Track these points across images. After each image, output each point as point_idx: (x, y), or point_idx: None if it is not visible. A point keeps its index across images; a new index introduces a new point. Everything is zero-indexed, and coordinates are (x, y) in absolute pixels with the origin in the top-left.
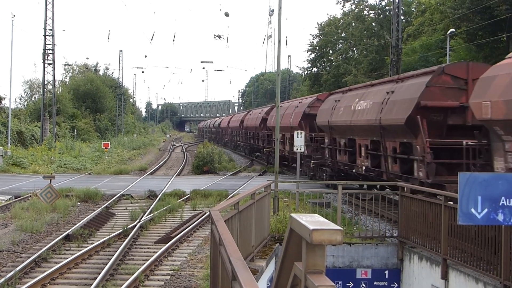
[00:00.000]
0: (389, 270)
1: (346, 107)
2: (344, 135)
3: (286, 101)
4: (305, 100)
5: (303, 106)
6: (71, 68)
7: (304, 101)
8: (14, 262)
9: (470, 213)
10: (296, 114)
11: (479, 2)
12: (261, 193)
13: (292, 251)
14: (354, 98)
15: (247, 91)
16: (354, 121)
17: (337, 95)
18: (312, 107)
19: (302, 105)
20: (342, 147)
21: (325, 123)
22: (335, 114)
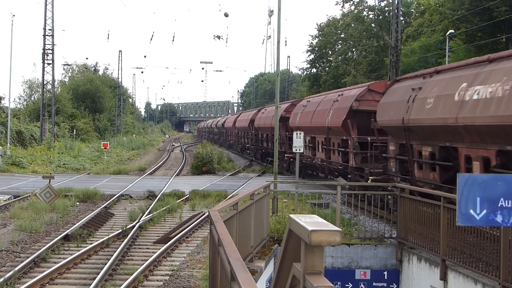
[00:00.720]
0: (388, 271)
1: None
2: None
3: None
4: (350, 92)
5: (347, 99)
6: (71, 68)
7: (348, 92)
8: (13, 262)
9: (469, 214)
10: (338, 111)
11: (478, 3)
12: (260, 194)
13: (291, 252)
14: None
15: (246, 91)
16: None
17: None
18: (361, 100)
19: (346, 99)
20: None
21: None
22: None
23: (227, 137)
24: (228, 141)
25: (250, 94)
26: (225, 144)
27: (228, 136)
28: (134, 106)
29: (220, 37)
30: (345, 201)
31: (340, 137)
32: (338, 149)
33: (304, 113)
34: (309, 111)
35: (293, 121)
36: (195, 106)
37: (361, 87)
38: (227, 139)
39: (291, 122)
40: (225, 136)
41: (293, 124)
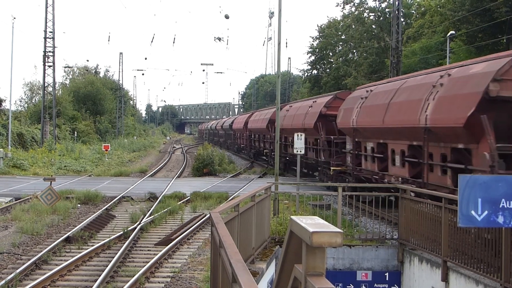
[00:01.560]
0: (389, 272)
1: None
2: None
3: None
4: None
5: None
6: (72, 70)
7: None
8: (15, 264)
9: (470, 215)
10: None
11: (479, 4)
12: (261, 195)
13: (292, 253)
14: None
15: (247, 93)
16: None
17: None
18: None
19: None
20: None
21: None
22: None
23: (235, 140)
24: (237, 144)
25: (251, 96)
26: (233, 148)
27: (237, 139)
28: (135, 108)
29: (220, 39)
30: (346, 202)
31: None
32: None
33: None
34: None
35: None
36: (196, 108)
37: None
38: (236, 142)
39: None
40: (233, 138)
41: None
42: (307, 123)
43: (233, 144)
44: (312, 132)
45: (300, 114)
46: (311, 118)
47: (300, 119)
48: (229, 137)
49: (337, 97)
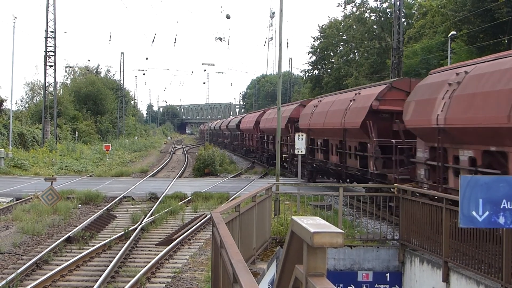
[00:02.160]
0: (390, 273)
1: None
2: None
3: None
4: None
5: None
6: (73, 70)
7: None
8: (15, 264)
9: (471, 216)
10: None
11: (480, 4)
12: (262, 196)
13: (293, 253)
14: None
15: (248, 93)
16: None
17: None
18: None
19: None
20: None
21: None
22: None
23: (243, 141)
24: (245, 146)
25: (252, 96)
26: (240, 150)
27: (245, 141)
28: (136, 108)
29: (222, 39)
30: (347, 203)
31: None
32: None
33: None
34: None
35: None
36: (197, 108)
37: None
38: (244, 144)
39: None
40: (240, 140)
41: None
42: (350, 122)
43: (240, 146)
44: (357, 134)
45: (336, 111)
46: (357, 116)
47: (338, 116)
48: (236, 138)
49: (394, 87)
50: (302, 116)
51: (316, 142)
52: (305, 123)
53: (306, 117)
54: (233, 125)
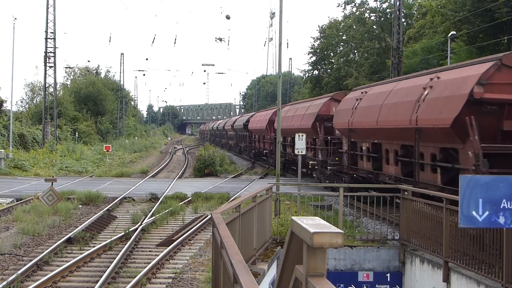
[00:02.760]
0: (391, 273)
1: None
2: None
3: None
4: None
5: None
6: (73, 71)
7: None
8: (16, 265)
9: (471, 216)
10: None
11: (480, 4)
12: (263, 196)
13: (293, 254)
14: None
15: (248, 93)
16: None
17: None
18: None
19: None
20: None
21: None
22: None
23: (252, 143)
24: (255, 149)
25: (252, 96)
26: (248, 153)
27: (255, 143)
28: (136, 108)
29: (222, 39)
30: (347, 203)
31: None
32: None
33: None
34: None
35: None
36: (197, 108)
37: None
38: (254, 147)
39: None
40: (248, 141)
41: None
42: (430, 118)
43: (249, 149)
44: (442, 136)
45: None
46: (443, 109)
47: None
48: (243, 140)
49: (505, 65)
50: (337, 113)
51: (360, 146)
52: (343, 122)
53: (345, 114)
54: (240, 124)
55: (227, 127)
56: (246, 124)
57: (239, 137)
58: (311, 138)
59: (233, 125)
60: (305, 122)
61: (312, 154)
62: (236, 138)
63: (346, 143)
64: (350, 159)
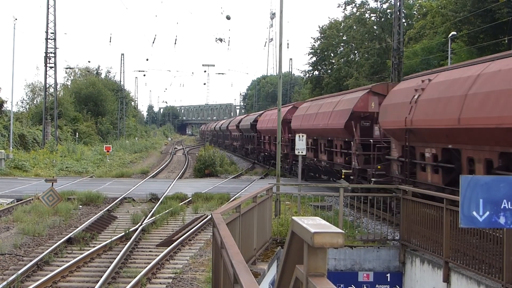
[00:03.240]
0: (391, 273)
1: None
2: None
3: None
4: None
5: None
6: (73, 71)
7: None
8: (16, 265)
9: (471, 216)
10: None
11: (480, 5)
12: (263, 196)
13: (293, 254)
14: None
15: (249, 94)
16: None
17: None
18: None
19: None
20: None
21: None
22: None
23: (262, 145)
24: (264, 151)
25: (252, 96)
26: (257, 157)
27: (265, 145)
28: (136, 109)
29: (222, 40)
30: (347, 203)
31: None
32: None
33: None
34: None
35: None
36: (197, 109)
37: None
38: (264, 149)
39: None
40: (257, 143)
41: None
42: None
43: (257, 151)
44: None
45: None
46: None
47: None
48: (250, 141)
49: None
50: (385, 109)
51: (421, 153)
52: (395, 120)
53: (398, 110)
54: (247, 124)
55: (232, 127)
56: (254, 124)
57: (245, 138)
58: (342, 140)
59: (238, 125)
60: (335, 121)
61: (343, 161)
62: (241, 139)
63: (398, 148)
64: (405, 169)
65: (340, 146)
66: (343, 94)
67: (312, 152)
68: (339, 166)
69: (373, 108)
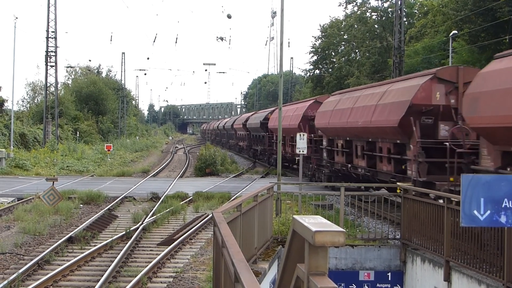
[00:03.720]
0: (392, 272)
1: None
2: None
3: None
4: None
5: None
6: (74, 70)
7: None
8: (17, 264)
9: (472, 215)
10: None
11: (481, 4)
12: (264, 195)
13: (294, 253)
14: None
15: (250, 93)
16: None
17: None
18: None
19: None
20: None
21: None
22: None
23: (273, 146)
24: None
25: (253, 95)
26: (269, 159)
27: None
28: (137, 108)
29: (223, 38)
30: (348, 202)
31: None
32: None
33: None
34: None
35: None
36: (198, 108)
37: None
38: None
39: None
40: (268, 144)
41: None
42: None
43: (269, 153)
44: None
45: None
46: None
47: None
48: (259, 142)
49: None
50: (477, 98)
51: None
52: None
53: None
54: (255, 123)
55: (237, 126)
56: (264, 123)
57: (253, 138)
58: (391, 142)
59: (245, 123)
60: (383, 118)
61: (393, 169)
62: (249, 139)
63: (495, 155)
64: None
65: (387, 149)
66: (392, 83)
67: (343, 156)
68: (386, 176)
69: (438, 100)
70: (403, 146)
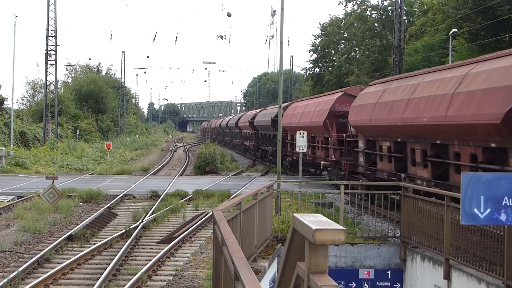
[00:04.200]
0: (391, 270)
1: None
2: None
3: None
4: None
5: None
6: (74, 69)
7: None
8: (17, 262)
9: (473, 213)
10: None
11: (481, 2)
12: (264, 193)
13: (294, 251)
14: None
15: (249, 91)
16: None
17: None
18: None
19: None
20: None
21: None
22: None
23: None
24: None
25: (253, 94)
26: (284, 162)
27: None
28: (137, 106)
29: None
30: (348, 200)
31: None
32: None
33: None
34: None
35: None
36: (198, 106)
37: None
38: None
39: None
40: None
41: None
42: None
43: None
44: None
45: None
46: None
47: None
48: (271, 142)
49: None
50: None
51: None
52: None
53: None
54: (265, 120)
55: (242, 124)
56: (276, 120)
57: (262, 137)
58: (477, 146)
59: (252, 121)
60: (470, 111)
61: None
62: (256, 138)
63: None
64: None
65: (470, 156)
66: (472, 63)
67: (391, 163)
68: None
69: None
70: (501, 152)
